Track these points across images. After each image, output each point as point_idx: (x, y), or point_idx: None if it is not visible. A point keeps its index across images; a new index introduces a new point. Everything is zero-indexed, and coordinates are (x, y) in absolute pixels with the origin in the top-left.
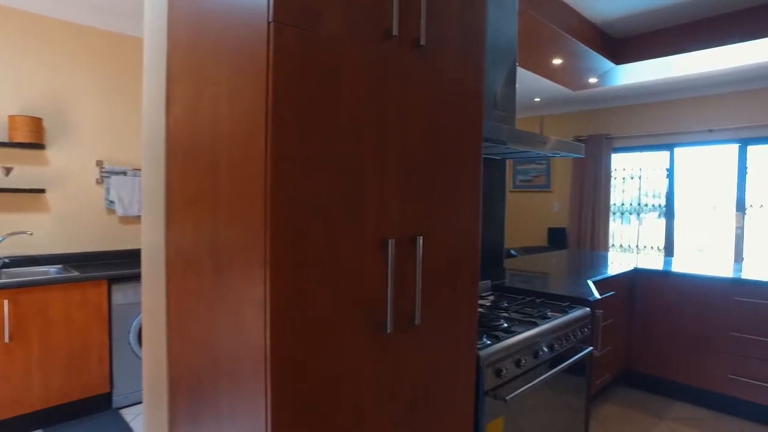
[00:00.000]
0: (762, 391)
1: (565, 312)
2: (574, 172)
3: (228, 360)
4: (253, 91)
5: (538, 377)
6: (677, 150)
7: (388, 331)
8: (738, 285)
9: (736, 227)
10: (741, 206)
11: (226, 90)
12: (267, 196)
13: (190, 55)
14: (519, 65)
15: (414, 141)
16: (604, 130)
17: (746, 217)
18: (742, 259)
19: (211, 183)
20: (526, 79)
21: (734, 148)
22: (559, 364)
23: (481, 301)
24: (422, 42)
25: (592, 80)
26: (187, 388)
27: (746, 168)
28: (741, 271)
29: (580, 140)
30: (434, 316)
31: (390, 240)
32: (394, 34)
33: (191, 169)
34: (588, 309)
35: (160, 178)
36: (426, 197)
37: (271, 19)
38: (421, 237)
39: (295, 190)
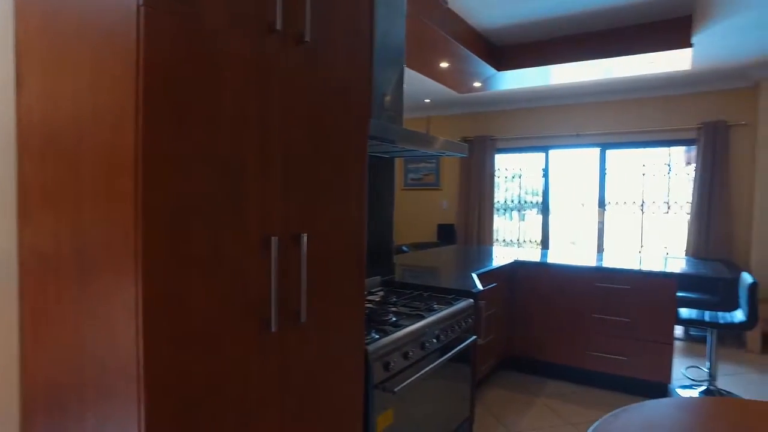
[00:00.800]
0: (614, 363)
1: (450, 304)
2: (462, 171)
3: (95, 371)
4: (122, 81)
5: (425, 368)
6: (551, 152)
7: (273, 329)
8: (598, 272)
9: (598, 222)
10: (602, 203)
11: (89, 78)
12: (138, 194)
13: (46, 37)
14: (408, 66)
15: (298, 138)
16: (489, 132)
17: (606, 213)
18: (603, 249)
19: (75, 178)
20: (416, 80)
21: (596, 151)
22: (446, 354)
23: (370, 297)
24: (307, 38)
25: (477, 84)
26: (44, 408)
27: (605, 169)
28: (602, 260)
29: (467, 141)
30: (321, 313)
31: (273, 238)
32: (277, 28)
33: (50, 162)
34: (472, 300)
35: (10, 170)
36: (310, 195)
37: (141, 3)
38: (306, 234)
39: (171, 188)
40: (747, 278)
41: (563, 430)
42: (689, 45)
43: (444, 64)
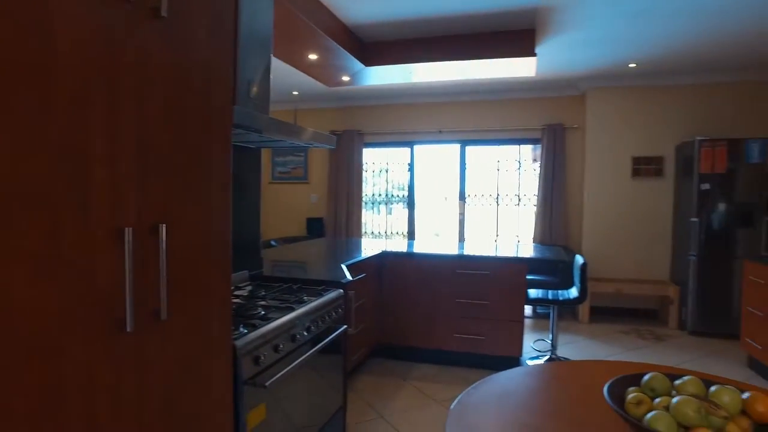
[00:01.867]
0: (475, 342)
1: (320, 295)
2: (330, 165)
3: None
4: None
5: (297, 360)
6: (416, 147)
7: (129, 329)
8: (460, 260)
9: (459, 213)
10: (462, 196)
11: None
12: None
13: None
14: (276, 56)
15: (155, 122)
16: (357, 127)
17: (466, 205)
18: (464, 239)
19: None
20: (283, 71)
21: (457, 147)
22: (317, 345)
23: (238, 292)
24: (163, 13)
25: (345, 78)
26: None
27: (465, 165)
28: (463, 249)
29: (335, 134)
30: (185, 309)
31: (127, 229)
32: None
33: None
34: (341, 290)
35: None
36: (170, 184)
37: None
38: (164, 225)
39: None
40: (579, 260)
41: (430, 407)
42: (533, 54)
43: (313, 56)
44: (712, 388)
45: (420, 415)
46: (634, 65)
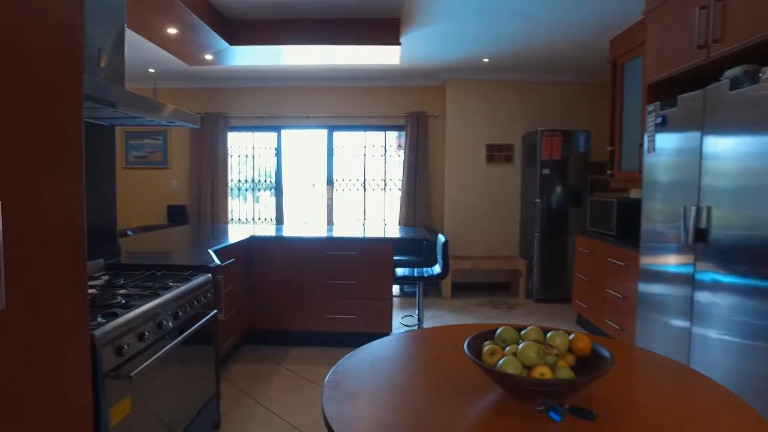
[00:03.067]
0: (347, 322)
1: (187, 280)
2: (193, 149)
3: None
4: None
5: (164, 347)
6: (284, 132)
7: None
8: (329, 242)
9: (328, 198)
10: (330, 181)
11: None
12: None
13: None
14: (131, 28)
15: None
16: (221, 109)
17: (334, 191)
18: (333, 223)
19: None
20: (140, 46)
21: (324, 132)
22: (185, 331)
23: (93, 282)
24: None
25: (208, 57)
26: None
27: (333, 150)
28: (332, 232)
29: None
30: (29, 299)
31: None
32: None
33: None
34: (210, 275)
35: None
36: (8, 160)
37: None
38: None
39: None
40: (441, 238)
41: (307, 388)
42: (398, 43)
43: (172, 30)
44: (548, 334)
45: (297, 397)
46: (487, 60)
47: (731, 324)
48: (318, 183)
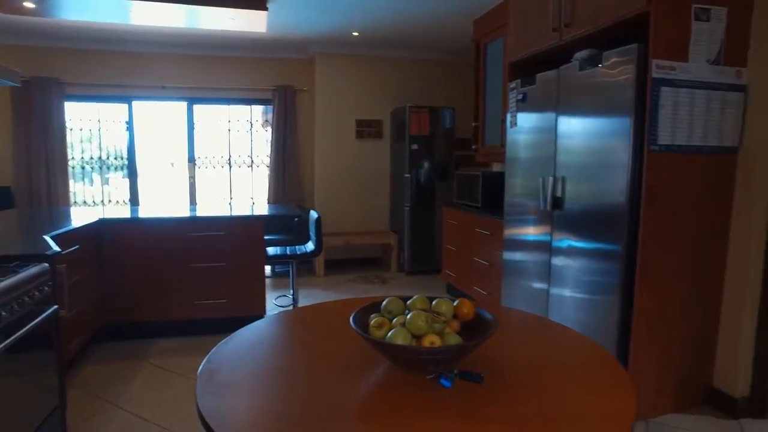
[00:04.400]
0: (217, 307)
1: (14, 273)
2: (17, 119)
3: None
4: None
5: None
6: (136, 104)
7: None
8: (193, 222)
9: (189, 177)
10: (192, 159)
11: None
12: None
13: None
14: None
15: None
16: (55, 74)
17: (197, 169)
18: (196, 202)
19: None
20: None
21: (183, 105)
22: (12, 335)
23: None
24: None
25: (29, 5)
26: None
27: (194, 125)
28: (195, 211)
29: (23, 81)
30: None
31: None
32: None
33: None
34: (46, 265)
35: None
36: None
37: None
38: None
39: None
40: (314, 214)
41: (176, 382)
42: (264, 8)
43: None
44: (434, 302)
45: (164, 394)
46: (357, 34)
47: (581, 283)
48: (178, 161)
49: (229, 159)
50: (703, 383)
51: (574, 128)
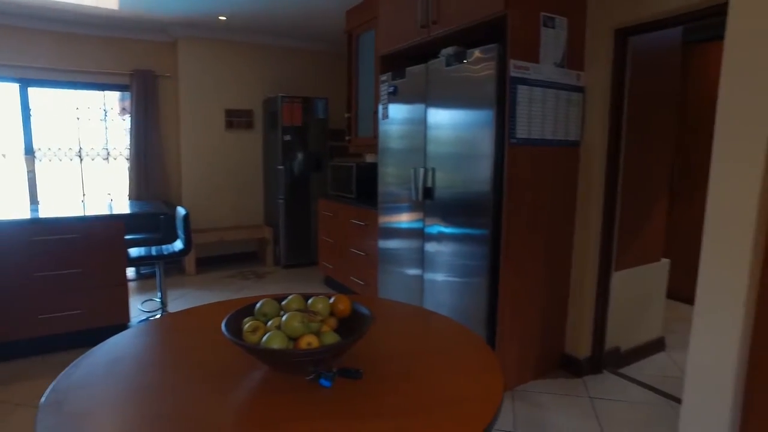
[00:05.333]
0: (71, 319)
1: None
2: None
3: None
4: None
5: None
6: None
7: None
8: (35, 225)
9: (28, 171)
10: (30, 150)
11: None
12: None
13: None
14: None
15: None
16: None
17: (38, 162)
18: (38, 202)
19: None
20: None
21: (15, 87)
22: None
23: None
24: None
25: None
26: None
27: (30, 111)
28: (38, 212)
29: None
30: None
31: None
32: None
33: None
34: None
35: None
36: None
37: None
38: None
39: None
40: (181, 211)
41: (14, 414)
42: None
43: None
44: (309, 301)
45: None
46: (224, 18)
47: (453, 267)
48: (11, 153)
49: (80, 151)
50: (558, 351)
51: (442, 120)
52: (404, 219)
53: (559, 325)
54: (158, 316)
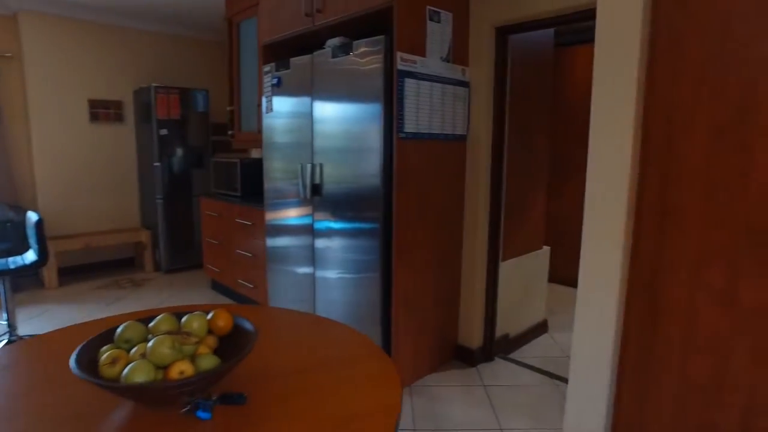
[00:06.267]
0: None
1: None
2: None
3: None
4: None
5: None
6: None
7: None
8: None
9: None
10: None
11: None
12: None
13: None
14: None
15: None
16: None
17: None
18: None
19: None
20: None
21: None
22: None
23: None
24: None
25: None
26: None
27: None
28: None
29: None
30: None
31: None
32: None
33: None
34: None
35: None
36: None
37: None
38: None
39: None
40: (33, 217)
41: None
42: None
43: None
44: (183, 319)
45: None
46: None
47: (344, 263)
48: None
49: None
50: (452, 342)
51: (329, 114)
52: (292, 216)
53: (452, 316)
54: (5, 342)
